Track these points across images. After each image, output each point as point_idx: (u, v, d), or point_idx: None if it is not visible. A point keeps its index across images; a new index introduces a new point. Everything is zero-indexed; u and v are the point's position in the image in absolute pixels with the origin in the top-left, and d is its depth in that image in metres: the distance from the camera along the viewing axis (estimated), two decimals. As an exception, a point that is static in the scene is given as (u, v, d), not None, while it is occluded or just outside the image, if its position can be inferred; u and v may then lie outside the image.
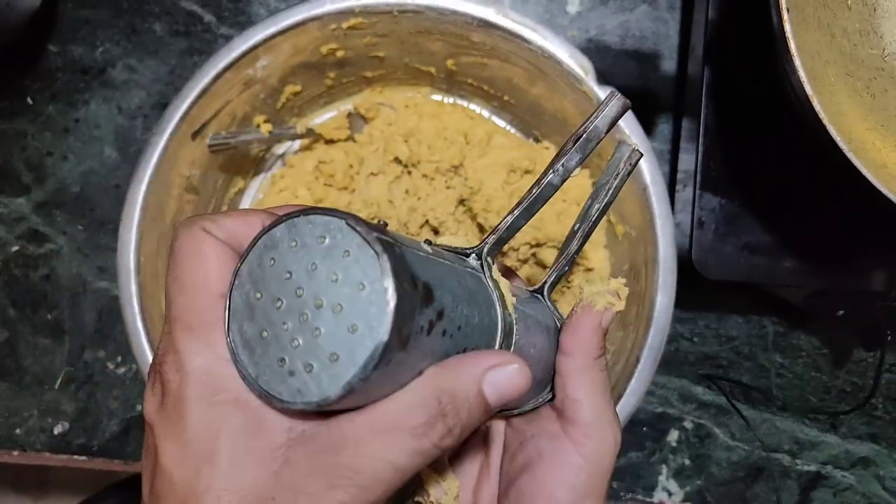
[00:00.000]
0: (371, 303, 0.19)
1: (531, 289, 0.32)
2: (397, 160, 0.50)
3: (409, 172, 0.51)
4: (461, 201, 0.50)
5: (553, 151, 0.50)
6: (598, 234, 0.50)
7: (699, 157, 0.45)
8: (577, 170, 0.40)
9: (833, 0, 0.39)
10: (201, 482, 0.20)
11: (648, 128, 0.52)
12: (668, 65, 0.53)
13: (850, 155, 0.33)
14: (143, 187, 0.43)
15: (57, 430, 0.51)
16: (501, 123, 0.53)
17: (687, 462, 0.51)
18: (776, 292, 0.49)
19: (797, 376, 0.51)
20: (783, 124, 0.43)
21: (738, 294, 0.52)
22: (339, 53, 0.48)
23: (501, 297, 0.26)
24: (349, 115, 0.52)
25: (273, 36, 0.45)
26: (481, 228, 0.50)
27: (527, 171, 0.50)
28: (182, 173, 0.46)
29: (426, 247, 0.24)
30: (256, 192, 0.52)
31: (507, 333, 0.26)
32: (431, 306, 0.21)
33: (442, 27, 0.46)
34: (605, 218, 0.48)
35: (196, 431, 0.20)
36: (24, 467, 0.60)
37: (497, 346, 0.25)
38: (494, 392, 0.22)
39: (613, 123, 0.28)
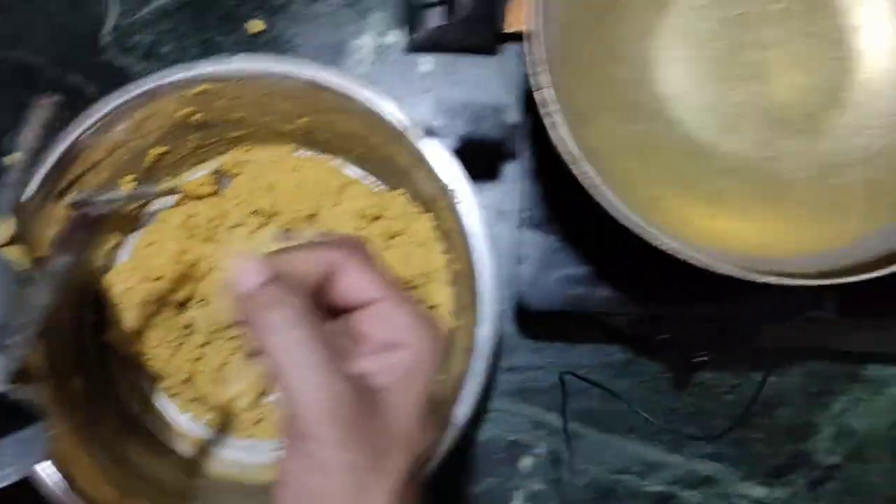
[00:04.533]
0: None
1: None
2: (258, 212, 0.55)
3: (268, 223, 0.55)
4: (318, 247, 0.54)
5: (407, 198, 0.54)
6: (444, 273, 0.53)
7: (520, 198, 0.49)
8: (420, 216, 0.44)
9: (607, 57, 0.43)
10: None
11: (494, 173, 0.56)
12: (513, 115, 0.57)
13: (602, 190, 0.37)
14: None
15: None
16: (357, 174, 0.57)
17: (541, 487, 0.54)
18: (610, 321, 0.53)
19: (643, 400, 0.54)
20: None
21: (589, 325, 0.56)
22: (199, 116, 0.52)
23: None
24: (216, 172, 0.56)
25: (127, 102, 0.49)
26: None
27: (375, 217, 0.54)
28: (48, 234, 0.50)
29: None
30: (132, 247, 0.56)
31: None
32: None
33: (284, 90, 0.50)
34: (446, 256, 0.52)
35: None
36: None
37: None
38: None
39: (47, 132, 0.32)
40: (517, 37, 0.53)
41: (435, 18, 0.39)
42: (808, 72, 0.44)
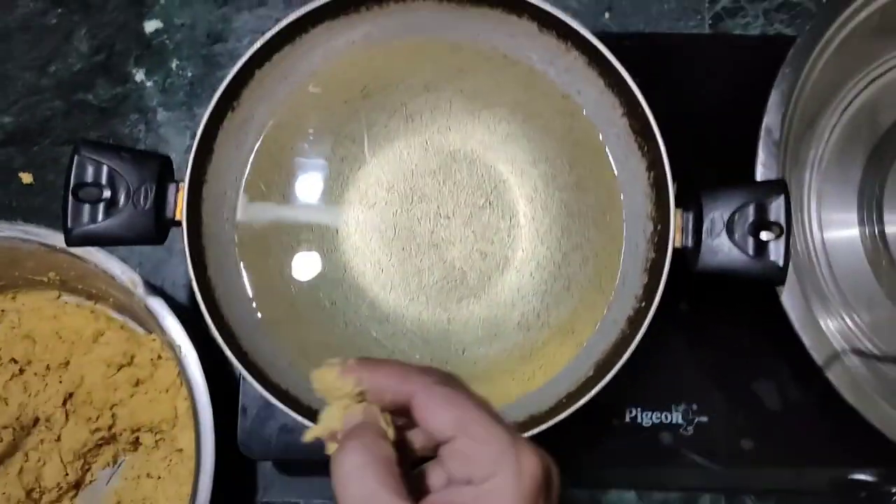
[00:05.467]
0: None
1: None
2: (14, 360, 0.57)
3: (23, 371, 0.57)
4: (70, 395, 0.57)
5: (158, 343, 0.57)
6: (187, 417, 0.56)
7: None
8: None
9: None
10: None
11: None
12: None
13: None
14: None
15: None
16: (122, 318, 0.59)
17: None
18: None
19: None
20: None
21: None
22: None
23: None
24: (-22, 325, 0.58)
25: None
26: (88, 420, 0.56)
27: (123, 365, 0.56)
28: None
29: None
30: None
31: None
32: None
33: (24, 252, 0.53)
34: (188, 402, 0.55)
35: None
36: None
37: None
38: None
39: None
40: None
41: (95, 214, 0.41)
42: (482, 239, 0.48)
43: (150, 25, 0.64)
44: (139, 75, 0.63)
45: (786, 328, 0.46)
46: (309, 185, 0.48)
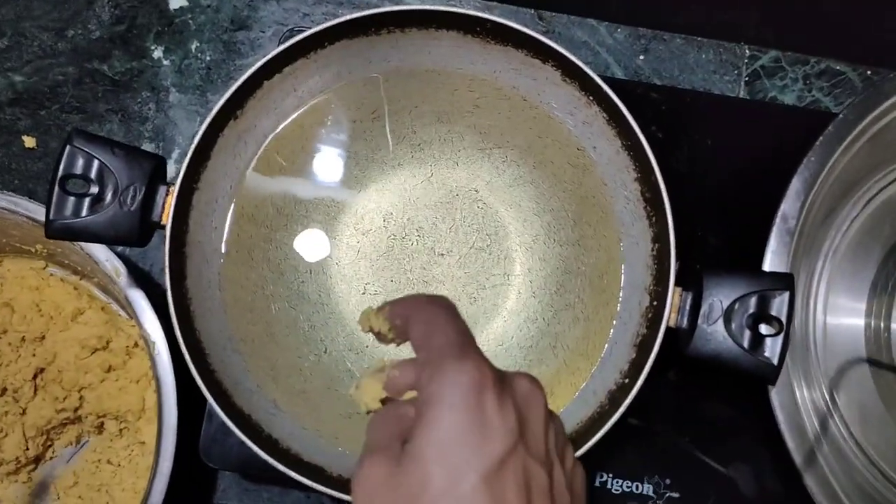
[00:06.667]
0: None
1: None
2: (-11, 327, 0.56)
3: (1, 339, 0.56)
4: (41, 370, 0.56)
5: (137, 330, 0.56)
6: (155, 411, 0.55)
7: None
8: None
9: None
10: None
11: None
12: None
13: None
14: None
15: None
16: (105, 299, 0.58)
17: None
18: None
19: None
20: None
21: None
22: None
23: None
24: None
25: None
26: (55, 399, 0.55)
27: (98, 349, 0.55)
28: None
29: None
30: None
31: None
32: None
33: (9, 222, 0.52)
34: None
35: None
36: None
37: None
38: None
39: None
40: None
41: (79, 208, 0.40)
42: (474, 283, 0.47)
43: (175, 2, 0.62)
44: (157, 52, 0.62)
45: (772, 416, 0.44)
46: (304, 203, 0.47)
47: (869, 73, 0.62)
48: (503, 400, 0.26)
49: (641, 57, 0.62)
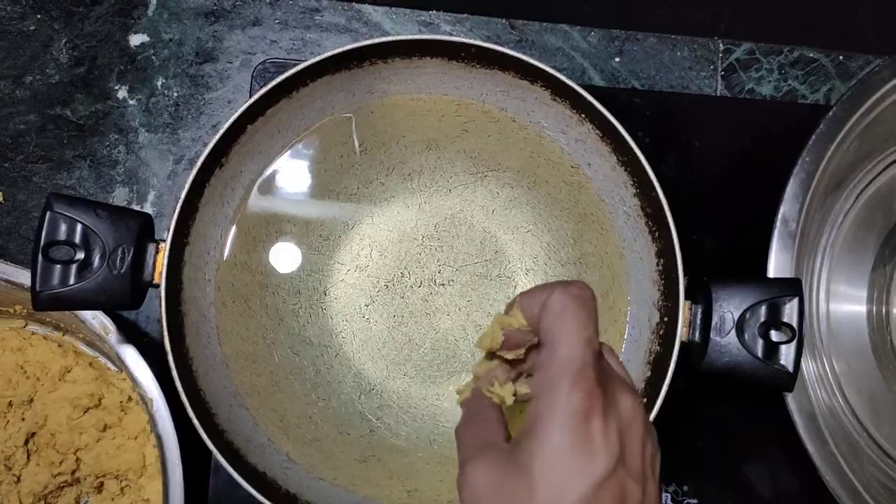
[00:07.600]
0: None
1: None
2: (-26, 394, 0.54)
3: (-15, 406, 0.54)
4: (32, 434, 0.54)
5: (128, 383, 0.54)
6: (157, 467, 0.53)
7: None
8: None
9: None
10: None
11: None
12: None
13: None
14: None
15: None
16: (92, 353, 0.56)
17: None
18: None
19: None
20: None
21: None
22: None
23: None
24: (-64, 349, 0.55)
25: None
26: (51, 464, 0.53)
27: (90, 407, 0.53)
28: None
29: None
30: None
31: None
32: None
33: (-11, 285, 0.50)
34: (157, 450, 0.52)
35: None
36: None
37: None
38: None
39: None
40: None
41: (66, 276, 0.38)
42: (477, 311, 0.46)
43: (136, 39, 0.60)
44: (121, 92, 0.60)
45: (786, 415, 0.44)
46: (297, 243, 0.45)
47: (841, 58, 0.62)
48: (608, 423, 0.28)
49: (617, 59, 0.61)
